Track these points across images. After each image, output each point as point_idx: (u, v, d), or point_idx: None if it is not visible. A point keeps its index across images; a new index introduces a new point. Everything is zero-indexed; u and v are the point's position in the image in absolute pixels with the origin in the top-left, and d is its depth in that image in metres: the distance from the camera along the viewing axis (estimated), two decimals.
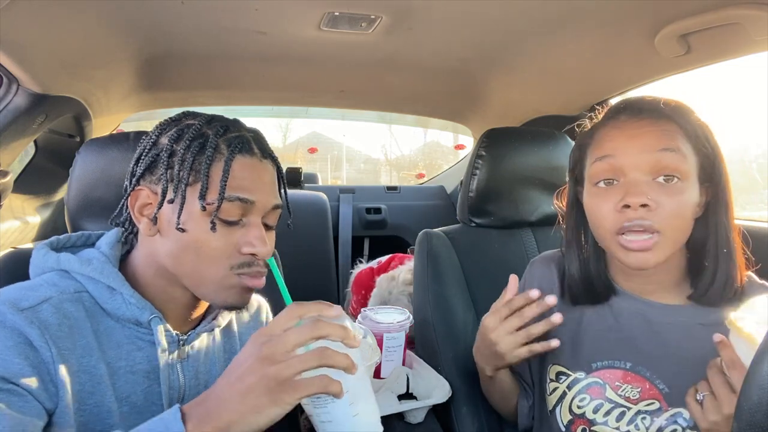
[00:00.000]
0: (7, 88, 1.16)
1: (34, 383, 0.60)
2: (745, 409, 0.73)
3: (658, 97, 0.81)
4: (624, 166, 0.75)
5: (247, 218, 0.72)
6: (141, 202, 0.73)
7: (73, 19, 1.10)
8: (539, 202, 1.32)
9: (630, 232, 0.74)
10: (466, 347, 1.08)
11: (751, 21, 0.98)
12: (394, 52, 1.48)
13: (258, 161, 0.73)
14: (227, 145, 0.71)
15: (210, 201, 0.69)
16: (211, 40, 1.37)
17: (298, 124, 10.77)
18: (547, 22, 1.22)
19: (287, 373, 0.56)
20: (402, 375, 1.13)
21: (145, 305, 0.72)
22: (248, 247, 0.71)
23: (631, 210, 0.73)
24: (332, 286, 2.10)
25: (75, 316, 0.67)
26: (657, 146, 0.73)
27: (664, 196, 0.73)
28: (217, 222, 0.69)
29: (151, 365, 0.72)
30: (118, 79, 1.51)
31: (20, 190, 1.53)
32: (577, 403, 0.83)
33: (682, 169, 0.73)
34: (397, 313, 1.20)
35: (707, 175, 0.77)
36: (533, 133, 1.41)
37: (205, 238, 0.69)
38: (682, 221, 0.74)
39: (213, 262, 0.70)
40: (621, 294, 0.86)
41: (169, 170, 0.71)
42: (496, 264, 1.28)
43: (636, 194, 0.73)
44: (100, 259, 0.73)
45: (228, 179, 0.69)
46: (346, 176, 11.33)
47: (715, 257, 0.77)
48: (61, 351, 0.63)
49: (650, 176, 0.74)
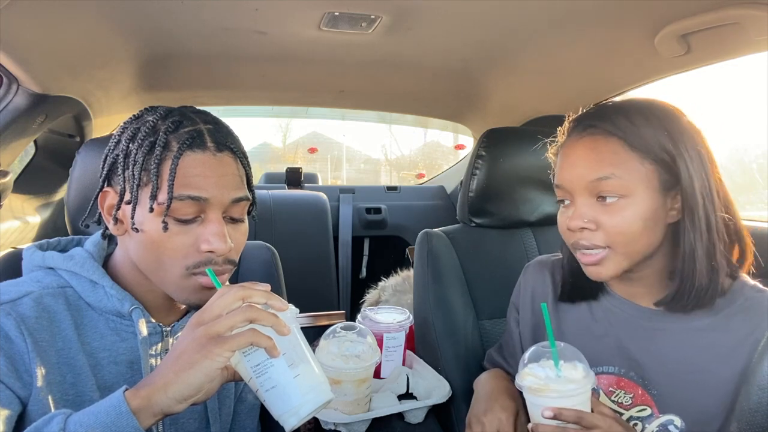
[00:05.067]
0: (7, 88, 1.16)
1: (5, 371, 0.63)
2: (745, 409, 0.73)
3: (617, 104, 0.83)
4: (570, 191, 0.80)
5: (205, 214, 0.70)
6: (108, 202, 0.74)
7: (73, 19, 1.10)
8: (539, 202, 1.32)
9: (581, 247, 0.79)
10: (466, 347, 1.08)
11: (751, 21, 0.98)
12: (394, 52, 1.48)
13: (211, 156, 0.71)
14: (177, 142, 0.70)
15: (161, 201, 0.68)
16: (211, 40, 1.37)
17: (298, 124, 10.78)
18: (547, 22, 1.22)
19: (216, 328, 0.59)
20: (402, 375, 1.13)
21: (125, 296, 0.73)
22: (205, 245, 0.69)
23: (574, 230, 0.78)
24: (332, 286, 2.10)
25: (55, 309, 0.70)
26: (592, 176, 0.76)
27: (605, 216, 0.76)
28: (170, 221, 0.68)
29: (135, 355, 0.74)
30: (118, 79, 1.51)
31: (20, 190, 1.53)
32: None
33: (622, 190, 0.75)
34: (397, 313, 1.20)
35: (673, 180, 0.76)
36: (533, 133, 1.41)
37: (160, 238, 0.69)
38: (630, 236, 0.75)
39: (170, 262, 0.70)
40: (611, 296, 0.87)
41: (125, 171, 0.71)
42: (496, 264, 1.28)
43: (574, 218, 0.78)
44: (82, 255, 0.75)
45: (176, 177, 0.68)
46: (346, 176, 11.33)
47: (681, 263, 0.77)
48: (37, 342, 0.66)
49: (592, 198, 0.77)
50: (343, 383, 0.97)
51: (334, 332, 1.03)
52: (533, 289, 0.96)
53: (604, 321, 0.86)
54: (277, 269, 1.10)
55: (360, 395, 0.98)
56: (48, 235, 1.54)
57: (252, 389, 0.63)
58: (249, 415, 0.93)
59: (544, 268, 0.97)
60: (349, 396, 0.97)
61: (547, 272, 0.96)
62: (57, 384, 0.67)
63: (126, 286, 0.75)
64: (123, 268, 0.76)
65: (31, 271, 0.75)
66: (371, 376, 1.01)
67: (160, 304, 0.78)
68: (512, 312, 1.02)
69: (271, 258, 1.08)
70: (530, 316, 0.96)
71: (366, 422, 1.00)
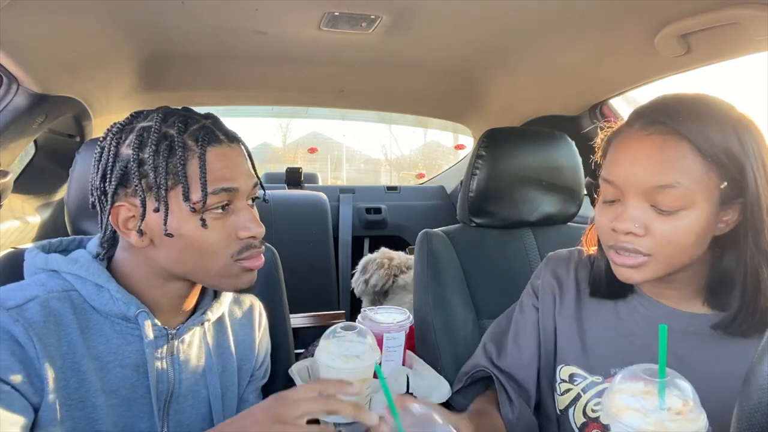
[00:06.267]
0: (7, 88, 1.16)
1: (20, 379, 0.63)
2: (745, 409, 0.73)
3: (684, 99, 0.74)
4: (624, 191, 0.73)
5: (234, 204, 0.73)
6: (123, 216, 0.71)
7: (73, 19, 1.10)
8: (539, 202, 1.32)
9: (619, 249, 0.74)
10: (466, 347, 1.08)
11: (751, 21, 0.98)
12: (394, 52, 1.48)
13: (228, 147, 0.73)
14: (194, 141, 0.71)
15: (196, 200, 0.69)
16: (211, 40, 1.37)
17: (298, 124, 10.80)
18: (547, 22, 1.22)
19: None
20: (402, 375, 1.13)
21: (131, 300, 0.73)
22: (245, 231, 0.73)
23: (619, 233, 0.73)
24: (332, 286, 2.10)
25: (61, 313, 0.69)
26: (654, 181, 0.69)
27: (658, 222, 0.70)
28: (207, 217, 0.70)
29: (141, 359, 0.74)
30: (118, 79, 1.51)
31: (20, 190, 1.53)
32: (591, 407, 0.82)
33: (683, 200, 0.68)
34: (397, 313, 1.20)
35: (734, 193, 0.69)
36: (533, 133, 1.41)
37: (201, 235, 0.70)
38: (678, 247, 0.70)
39: (215, 255, 0.72)
40: (638, 294, 0.84)
41: (143, 180, 0.70)
42: (496, 264, 1.28)
43: (623, 221, 0.72)
44: (86, 257, 0.74)
45: (207, 174, 0.69)
46: (346, 176, 11.35)
47: (742, 285, 0.70)
48: (46, 347, 0.65)
49: (647, 203, 0.71)
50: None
51: (334, 332, 1.02)
52: (553, 279, 0.93)
53: (629, 319, 0.83)
54: (277, 269, 1.10)
55: (360, 395, 0.98)
56: (48, 235, 1.54)
57: None
58: None
59: (569, 261, 0.94)
60: (349, 396, 0.97)
61: (572, 267, 0.93)
62: (61, 389, 0.67)
63: (130, 288, 0.74)
64: (129, 271, 0.75)
65: (34, 274, 0.74)
66: (371, 376, 1.01)
67: (165, 307, 0.78)
68: (530, 297, 0.97)
69: (271, 258, 1.09)
70: (551, 305, 0.92)
71: None
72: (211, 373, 0.82)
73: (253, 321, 0.93)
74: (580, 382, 0.84)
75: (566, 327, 0.88)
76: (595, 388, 0.82)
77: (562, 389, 0.87)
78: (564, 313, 0.89)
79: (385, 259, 1.95)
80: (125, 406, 0.72)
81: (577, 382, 0.84)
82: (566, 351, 0.87)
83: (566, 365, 0.87)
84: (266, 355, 0.96)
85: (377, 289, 1.91)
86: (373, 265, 1.94)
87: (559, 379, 0.87)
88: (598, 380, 0.82)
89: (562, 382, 0.87)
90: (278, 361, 1.04)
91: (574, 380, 0.85)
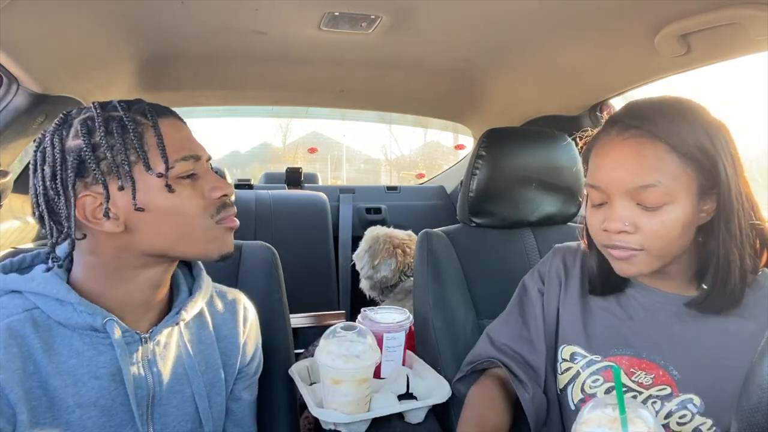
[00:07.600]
0: (7, 88, 1.16)
1: None
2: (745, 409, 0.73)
3: (654, 103, 0.80)
4: (610, 194, 0.78)
5: (198, 172, 0.75)
6: (90, 207, 0.70)
7: (73, 19, 1.10)
8: (539, 202, 1.32)
9: (613, 247, 0.79)
10: (466, 347, 1.07)
11: (751, 21, 0.98)
12: (394, 52, 1.48)
13: (177, 120, 0.77)
14: (143, 115, 0.72)
15: (160, 169, 0.71)
16: (211, 40, 1.37)
17: (298, 124, 10.78)
18: (547, 22, 1.22)
19: None
20: (402, 375, 1.13)
21: (95, 310, 0.71)
22: (216, 191, 0.75)
23: (611, 233, 0.78)
24: (332, 286, 2.11)
25: (22, 335, 0.68)
26: (635, 182, 0.74)
27: (646, 219, 0.75)
28: (175, 183, 0.72)
29: (115, 367, 0.73)
30: (118, 79, 1.51)
31: (20, 190, 1.53)
32: (589, 384, 0.85)
33: (665, 198, 0.74)
34: (397, 313, 1.19)
35: (710, 184, 0.75)
36: (533, 133, 1.41)
37: (175, 205, 0.72)
38: (667, 240, 0.76)
39: (194, 219, 0.74)
40: (636, 285, 0.88)
41: (101, 163, 0.69)
42: (496, 264, 1.28)
43: (613, 221, 0.77)
44: (43, 275, 0.72)
45: (166, 143, 0.71)
46: (346, 176, 11.33)
47: (715, 267, 0.77)
48: (12, 373, 0.65)
49: (633, 202, 0.76)
50: (343, 383, 0.97)
51: (334, 332, 1.03)
52: (560, 268, 0.96)
53: (628, 306, 0.88)
54: (277, 269, 1.10)
55: (360, 395, 0.98)
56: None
57: None
58: (246, 414, 0.93)
59: (576, 253, 0.97)
60: (349, 396, 0.97)
61: (578, 258, 0.96)
62: (31, 410, 0.66)
63: (95, 297, 0.73)
64: (93, 276, 0.74)
65: None
66: (371, 376, 1.01)
67: (136, 303, 0.76)
68: (535, 282, 0.99)
69: (271, 258, 1.09)
70: (556, 290, 0.95)
71: (366, 422, 1.00)
72: (193, 372, 0.81)
73: (237, 315, 0.91)
74: (579, 360, 0.88)
75: (569, 313, 0.92)
76: (594, 366, 0.86)
77: (562, 368, 0.89)
78: (568, 302, 0.93)
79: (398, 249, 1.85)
80: (106, 416, 0.72)
81: (577, 360, 0.88)
82: (568, 332, 0.91)
83: (568, 345, 0.90)
84: (256, 350, 0.94)
85: (388, 284, 1.84)
86: (383, 252, 1.84)
87: (560, 358, 0.90)
88: (597, 359, 0.86)
89: (563, 362, 0.90)
90: (278, 361, 1.04)
91: (575, 359, 0.88)
